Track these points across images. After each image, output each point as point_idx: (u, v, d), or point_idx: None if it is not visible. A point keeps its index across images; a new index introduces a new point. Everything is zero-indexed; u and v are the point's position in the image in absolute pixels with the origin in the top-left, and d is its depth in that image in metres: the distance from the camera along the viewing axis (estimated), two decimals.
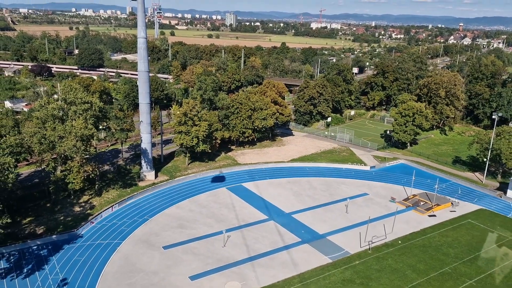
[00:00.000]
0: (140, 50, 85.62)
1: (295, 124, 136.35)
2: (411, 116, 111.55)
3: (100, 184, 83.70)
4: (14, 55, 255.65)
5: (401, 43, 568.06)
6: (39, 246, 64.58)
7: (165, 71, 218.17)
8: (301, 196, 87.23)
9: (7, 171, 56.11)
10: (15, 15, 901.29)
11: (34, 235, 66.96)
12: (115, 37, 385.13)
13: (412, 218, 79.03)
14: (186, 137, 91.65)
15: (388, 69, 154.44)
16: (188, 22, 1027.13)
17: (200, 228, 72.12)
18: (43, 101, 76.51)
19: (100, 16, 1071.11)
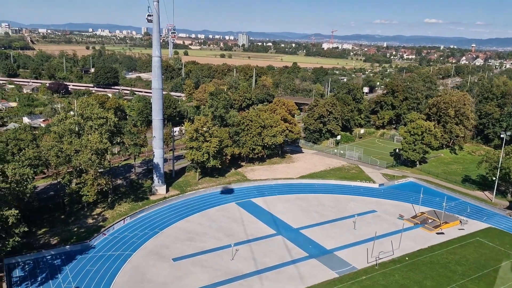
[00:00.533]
0: (155, 68, 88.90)
1: (305, 142, 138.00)
2: (419, 135, 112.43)
3: (113, 197, 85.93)
4: (33, 73, 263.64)
5: (413, 63, 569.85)
6: (53, 256, 66.48)
7: (178, 89, 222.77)
8: (309, 212, 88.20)
9: (25, 182, 58.54)
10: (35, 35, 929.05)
11: (49, 245, 68.97)
12: (130, 57, 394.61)
13: (420, 235, 79.28)
14: (197, 153, 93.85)
15: (398, 88, 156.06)
16: (201, 42, 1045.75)
17: (209, 242, 73.46)
18: (61, 116, 79.63)
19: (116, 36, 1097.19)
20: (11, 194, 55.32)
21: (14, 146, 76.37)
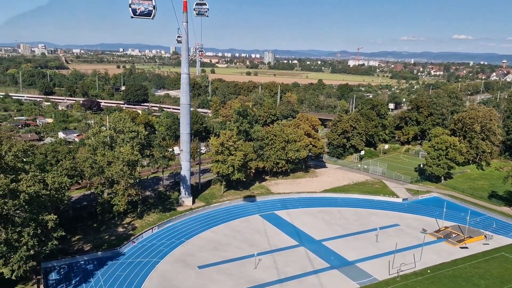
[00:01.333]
0: (183, 85, 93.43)
1: (329, 157, 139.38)
2: (444, 150, 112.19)
3: (142, 207, 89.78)
4: (68, 91, 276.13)
5: (440, 79, 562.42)
6: (86, 261, 70.31)
7: (205, 106, 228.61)
8: (332, 225, 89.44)
9: (63, 190, 62.86)
10: (69, 55, 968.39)
11: (82, 251, 72.99)
12: (159, 75, 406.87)
13: (443, 249, 79.19)
14: (223, 166, 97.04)
15: (422, 104, 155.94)
16: (228, 61, 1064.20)
17: (233, 251, 75.81)
18: (95, 130, 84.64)
19: (146, 56, 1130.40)
20: (50, 201, 59.59)
21: (52, 157, 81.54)
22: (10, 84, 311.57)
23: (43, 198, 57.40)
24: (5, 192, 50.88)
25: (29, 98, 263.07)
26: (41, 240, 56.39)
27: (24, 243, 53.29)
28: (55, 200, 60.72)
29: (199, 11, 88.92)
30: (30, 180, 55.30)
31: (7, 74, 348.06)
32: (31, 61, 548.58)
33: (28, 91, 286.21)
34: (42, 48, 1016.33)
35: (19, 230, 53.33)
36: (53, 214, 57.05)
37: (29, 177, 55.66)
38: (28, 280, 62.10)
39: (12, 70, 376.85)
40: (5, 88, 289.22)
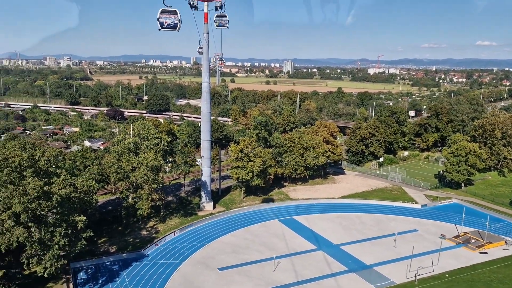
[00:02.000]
0: (204, 93, 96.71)
1: (347, 164, 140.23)
2: (464, 156, 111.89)
3: (165, 212, 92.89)
4: (92, 101, 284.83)
5: (463, 86, 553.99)
6: (112, 262, 73.50)
7: (225, 115, 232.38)
8: (350, 230, 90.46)
9: (91, 193, 66.35)
10: (93, 66, 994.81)
11: (108, 252, 76.28)
12: (180, 85, 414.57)
13: (462, 254, 79.25)
14: (242, 172, 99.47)
15: (442, 111, 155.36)
16: (247, 70, 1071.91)
17: (252, 254, 77.80)
18: (120, 137, 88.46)
19: (167, 66, 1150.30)
20: (80, 203, 63.05)
21: (81, 163, 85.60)
22: (38, 95, 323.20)
23: (73, 200, 60.89)
24: (39, 194, 54.38)
25: (56, 109, 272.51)
26: (71, 240, 59.67)
27: (56, 242, 56.67)
28: (84, 202, 64.23)
29: (219, 23, 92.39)
30: (61, 183, 58.88)
31: (35, 85, 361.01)
32: (57, 73, 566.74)
33: (55, 102, 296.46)
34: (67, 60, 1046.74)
35: (52, 230, 56.76)
36: (82, 216, 60.37)
37: (61, 181, 59.25)
38: (58, 279, 65.50)
39: (39, 81, 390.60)
40: (33, 99, 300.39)
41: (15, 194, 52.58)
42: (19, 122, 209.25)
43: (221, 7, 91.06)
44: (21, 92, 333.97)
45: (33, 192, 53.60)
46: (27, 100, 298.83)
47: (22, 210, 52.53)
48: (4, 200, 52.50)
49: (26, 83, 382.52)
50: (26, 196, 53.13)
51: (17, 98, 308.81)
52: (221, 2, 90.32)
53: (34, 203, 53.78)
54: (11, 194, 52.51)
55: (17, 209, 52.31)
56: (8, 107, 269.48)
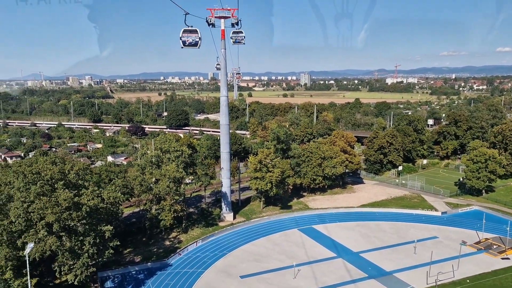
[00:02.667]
0: (222, 107, 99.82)
1: (366, 173, 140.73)
2: (483, 163, 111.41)
3: (187, 223, 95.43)
4: (114, 118, 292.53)
5: (483, 94, 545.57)
6: (137, 271, 76.13)
7: (243, 128, 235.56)
8: (370, 238, 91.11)
9: (117, 204, 69.46)
10: (113, 85, 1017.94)
11: (133, 262, 79.01)
12: (198, 100, 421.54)
13: (483, 260, 79.00)
14: (261, 182, 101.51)
15: (460, 118, 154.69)
16: (264, 84, 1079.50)
17: (273, 262, 79.33)
18: (143, 151, 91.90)
19: (185, 82, 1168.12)
20: (107, 214, 66.13)
21: (106, 177, 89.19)
22: (62, 114, 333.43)
23: (100, 211, 64.02)
24: (70, 205, 57.61)
25: (79, 126, 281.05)
26: (99, 249, 62.56)
27: (85, 250, 59.68)
28: (111, 213, 67.27)
29: (236, 39, 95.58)
30: (90, 194, 62.10)
31: (59, 105, 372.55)
32: (80, 92, 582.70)
33: (78, 120, 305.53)
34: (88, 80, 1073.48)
35: (81, 239, 59.84)
36: (109, 225, 63.35)
37: (89, 192, 62.51)
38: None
39: (63, 101, 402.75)
40: (58, 118, 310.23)
41: (48, 205, 55.90)
42: (45, 140, 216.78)
43: (237, 23, 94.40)
44: (46, 112, 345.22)
45: (64, 203, 56.85)
46: (52, 119, 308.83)
47: (54, 220, 55.75)
48: (38, 211, 55.85)
49: (51, 103, 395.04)
50: (58, 207, 56.39)
51: (43, 117, 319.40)
52: (237, 19, 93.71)
53: (65, 214, 56.99)
54: (44, 205, 55.83)
55: (50, 219, 55.55)
56: (34, 126, 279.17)
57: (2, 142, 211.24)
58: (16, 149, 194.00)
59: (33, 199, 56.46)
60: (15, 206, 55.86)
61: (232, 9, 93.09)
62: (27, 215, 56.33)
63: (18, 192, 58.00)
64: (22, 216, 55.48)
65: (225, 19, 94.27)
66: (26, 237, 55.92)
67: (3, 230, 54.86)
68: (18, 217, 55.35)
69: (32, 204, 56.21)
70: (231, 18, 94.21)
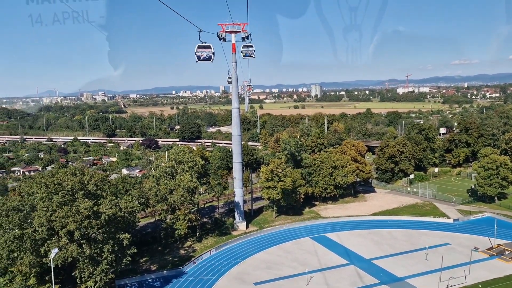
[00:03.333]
0: (234, 118, 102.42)
1: (377, 182, 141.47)
2: (494, 169, 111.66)
3: (200, 232, 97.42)
4: (128, 132, 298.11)
5: (496, 101, 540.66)
6: (153, 279, 78.15)
7: (255, 139, 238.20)
8: (382, 245, 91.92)
9: (134, 213, 71.94)
10: (126, 100, 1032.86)
11: (149, 270, 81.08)
12: (210, 113, 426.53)
13: (496, 266, 79.28)
14: (273, 192, 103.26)
15: (471, 126, 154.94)
16: (275, 96, 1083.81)
17: (285, 269, 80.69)
18: (158, 162, 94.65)
19: (197, 96, 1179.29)
20: (124, 222, 68.59)
21: (122, 187, 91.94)
22: (78, 129, 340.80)
23: (118, 220, 66.50)
24: (90, 213, 60.22)
25: (94, 141, 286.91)
26: (117, 256, 64.88)
27: (104, 257, 62.06)
28: (128, 221, 69.71)
29: (246, 53, 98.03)
30: (108, 204, 64.72)
31: (74, 120, 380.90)
32: (94, 108, 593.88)
33: (93, 134, 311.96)
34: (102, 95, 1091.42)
35: (100, 247, 62.28)
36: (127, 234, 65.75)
37: (107, 202, 65.13)
38: None
39: (78, 116, 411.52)
40: (73, 133, 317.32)
41: (70, 213, 58.58)
42: (61, 154, 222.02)
43: (247, 37, 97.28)
44: (62, 127, 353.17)
45: (85, 211, 59.48)
46: (67, 134, 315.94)
47: (75, 228, 58.37)
48: (60, 220, 58.54)
49: (66, 119, 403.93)
50: (79, 215, 59.03)
51: (59, 133, 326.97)
52: (247, 33, 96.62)
53: (86, 222, 59.60)
54: (66, 214, 58.53)
55: (71, 227, 58.18)
56: (51, 141, 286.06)
57: (20, 157, 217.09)
58: (34, 164, 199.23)
59: (55, 208, 59.21)
60: (39, 215, 58.66)
61: (242, 23, 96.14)
62: (50, 223, 59.06)
63: (41, 202, 60.88)
64: (45, 225, 58.21)
65: (235, 33, 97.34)
66: (49, 244, 58.60)
67: (28, 238, 57.59)
68: (41, 225, 58.11)
69: (55, 213, 58.93)
70: (241, 33, 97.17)
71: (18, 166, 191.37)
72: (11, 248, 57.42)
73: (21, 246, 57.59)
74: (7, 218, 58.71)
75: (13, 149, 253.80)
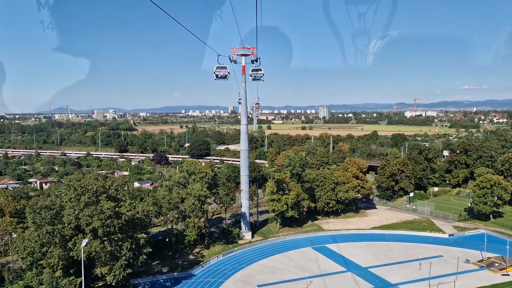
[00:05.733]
0: (243, 134, 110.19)
1: (378, 199, 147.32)
2: (489, 188, 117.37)
3: (209, 240, 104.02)
4: (139, 149, 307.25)
5: (503, 127, 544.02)
6: (165, 279, 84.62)
7: (262, 157, 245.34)
8: (378, 256, 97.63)
9: (150, 216, 79.06)
10: (136, 118, 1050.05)
11: (161, 272, 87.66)
12: (219, 132, 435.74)
13: (484, 276, 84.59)
14: (278, 204, 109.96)
15: (471, 147, 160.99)
16: (283, 117, 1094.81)
17: (287, 274, 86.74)
18: (171, 173, 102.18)
19: (206, 115, 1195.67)
20: (141, 224, 75.69)
21: (137, 196, 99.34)
22: (90, 144, 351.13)
23: (136, 221, 73.64)
24: (112, 213, 67.51)
25: (106, 156, 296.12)
26: (134, 254, 71.77)
27: (123, 254, 68.98)
28: (144, 224, 76.81)
29: (255, 77, 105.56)
30: (128, 206, 72.05)
31: (86, 136, 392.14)
32: (104, 125, 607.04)
33: (105, 150, 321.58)
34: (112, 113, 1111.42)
35: (120, 244, 69.27)
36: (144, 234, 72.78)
37: (127, 204, 72.50)
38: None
39: (90, 132, 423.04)
40: (86, 148, 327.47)
41: (95, 212, 65.94)
42: (75, 168, 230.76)
43: (256, 60, 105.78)
44: (75, 142, 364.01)
45: (108, 211, 66.79)
46: (80, 149, 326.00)
47: (99, 225, 65.60)
48: (86, 218, 65.86)
49: (79, 134, 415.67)
50: (103, 214, 66.32)
51: (72, 148, 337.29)
52: (257, 56, 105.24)
53: (108, 220, 66.84)
54: (92, 213, 65.90)
55: (96, 225, 65.44)
56: (65, 155, 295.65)
57: (37, 169, 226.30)
58: (49, 176, 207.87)
59: (82, 208, 66.65)
60: (68, 213, 66.05)
61: (252, 47, 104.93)
62: (77, 221, 66.39)
63: (69, 202, 68.40)
64: (73, 222, 65.54)
65: (245, 56, 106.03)
66: (75, 240, 65.78)
67: (58, 233, 64.85)
68: (70, 222, 65.42)
69: (82, 212, 66.34)
70: (251, 56, 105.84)
71: (35, 177, 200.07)
72: (43, 242, 64.72)
73: (52, 240, 64.87)
74: (40, 215, 66.13)
75: (29, 162, 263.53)
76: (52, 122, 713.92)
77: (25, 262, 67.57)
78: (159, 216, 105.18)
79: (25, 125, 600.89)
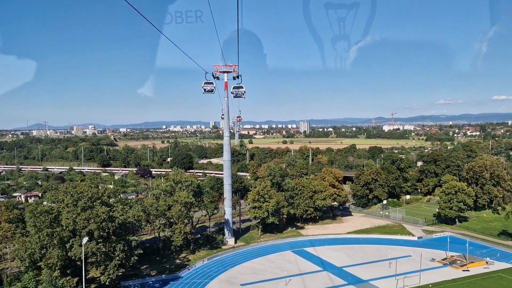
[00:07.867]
0: (225, 145, 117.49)
1: (354, 207, 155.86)
2: (454, 194, 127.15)
3: (194, 246, 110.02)
4: (122, 163, 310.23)
5: (476, 139, 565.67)
6: (153, 281, 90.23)
7: (244, 170, 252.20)
8: (353, 256, 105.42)
9: (140, 221, 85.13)
10: (116, 133, 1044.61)
11: (149, 275, 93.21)
12: (201, 146, 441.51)
13: (447, 272, 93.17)
14: (259, 211, 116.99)
15: (439, 157, 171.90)
16: (265, 132, 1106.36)
17: (268, 274, 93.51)
18: (158, 182, 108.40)
19: (187, 131, 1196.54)
20: (132, 228, 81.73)
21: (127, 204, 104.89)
22: (72, 159, 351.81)
23: (128, 225, 79.69)
24: (106, 217, 73.55)
25: (89, 170, 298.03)
26: (127, 255, 77.64)
27: (116, 255, 74.81)
28: (135, 227, 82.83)
29: (236, 94, 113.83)
30: (120, 211, 78.16)
31: (68, 151, 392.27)
32: (85, 140, 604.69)
33: (88, 165, 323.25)
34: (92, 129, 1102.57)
35: (114, 246, 75.13)
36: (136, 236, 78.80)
37: (120, 209, 78.59)
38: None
39: (70, 148, 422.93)
40: (68, 163, 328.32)
41: (91, 216, 71.89)
42: (59, 182, 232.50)
43: (238, 77, 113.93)
44: (57, 158, 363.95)
45: (103, 215, 72.83)
46: (63, 164, 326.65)
47: (95, 228, 71.50)
48: (83, 221, 71.71)
49: (60, 150, 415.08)
50: (98, 217, 72.31)
51: (54, 163, 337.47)
52: (238, 73, 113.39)
53: (103, 224, 72.81)
54: (88, 216, 71.81)
55: (92, 227, 71.31)
56: (47, 171, 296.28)
57: (20, 184, 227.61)
58: (33, 190, 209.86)
59: (79, 212, 72.52)
60: (66, 217, 71.78)
61: (233, 65, 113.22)
62: (74, 224, 72.13)
63: (66, 207, 74.16)
64: (71, 225, 71.29)
65: (227, 73, 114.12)
66: (73, 241, 71.44)
67: (57, 235, 70.44)
68: (68, 225, 71.14)
69: (79, 216, 72.18)
70: (232, 73, 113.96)
71: (19, 192, 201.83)
72: (43, 243, 70.15)
73: (51, 242, 70.37)
74: (40, 219, 71.64)
75: (11, 177, 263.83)
76: (30, 138, 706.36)
77: (24, 264, 72.69)
78: (147, 224, 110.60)
79: (2, 141, 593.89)
